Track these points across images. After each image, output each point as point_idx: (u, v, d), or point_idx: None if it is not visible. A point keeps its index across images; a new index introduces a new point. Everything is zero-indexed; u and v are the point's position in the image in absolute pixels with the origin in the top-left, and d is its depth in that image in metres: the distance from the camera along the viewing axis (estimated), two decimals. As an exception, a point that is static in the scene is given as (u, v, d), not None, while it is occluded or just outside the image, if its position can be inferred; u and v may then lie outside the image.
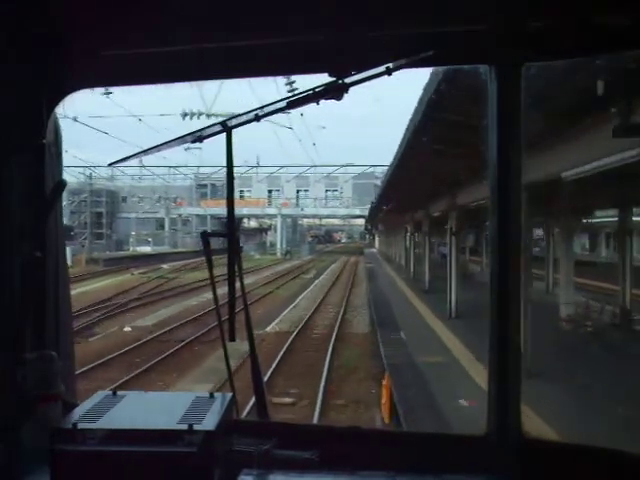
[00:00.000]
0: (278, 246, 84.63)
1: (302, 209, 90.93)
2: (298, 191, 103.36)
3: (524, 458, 2.06)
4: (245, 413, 7.24)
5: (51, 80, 2.23)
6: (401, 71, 2.01)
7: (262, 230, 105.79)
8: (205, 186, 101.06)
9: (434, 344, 17.03)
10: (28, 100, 2.20)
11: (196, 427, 1.81)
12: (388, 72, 1.98)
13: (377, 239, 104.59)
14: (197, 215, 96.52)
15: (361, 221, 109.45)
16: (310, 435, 2.26)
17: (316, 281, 42.54)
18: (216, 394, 2.13)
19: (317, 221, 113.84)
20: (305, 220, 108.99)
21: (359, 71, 1.98)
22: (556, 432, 8.69)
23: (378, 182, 60.43)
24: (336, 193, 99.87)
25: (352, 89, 1.99)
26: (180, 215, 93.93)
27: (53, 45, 2.13)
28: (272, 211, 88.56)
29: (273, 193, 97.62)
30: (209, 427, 1.84)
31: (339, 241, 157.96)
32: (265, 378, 11.82)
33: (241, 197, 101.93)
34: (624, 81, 7.96)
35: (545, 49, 2.07)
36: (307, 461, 2.08)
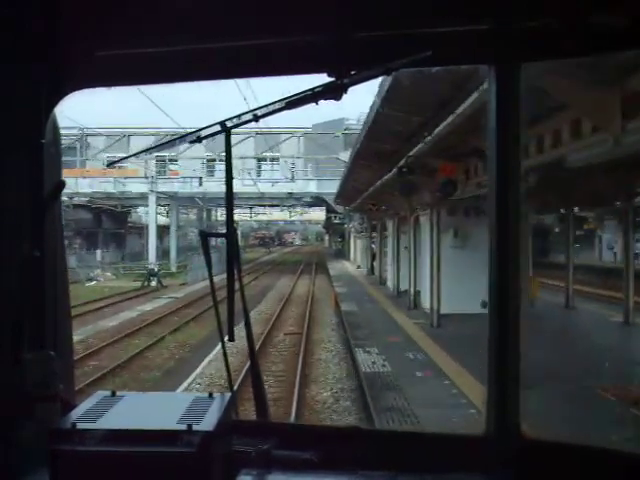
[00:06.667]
0: (151, 257, 43.34)
1: (200, 184, 48.33)
2: (211, 160, 60.11)
3: (523, 458, 2.08)
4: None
5: (50, 80, 2.24)
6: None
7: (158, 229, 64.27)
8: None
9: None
10: (27, 100, 2.21)
11: (195, 427, 1.82)
12: (387, 72, 2.02)
13: (355, 243, 61.82)
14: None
15: (319, 215, 68.25)
16: (309, 435, 2.30)
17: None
18: (215, 394, 2.13)
19: (257, 216, 73.61)
20: (241, 216, 67.72)
21: (358, 71, 1.99)
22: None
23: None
24: (276, 168, 58.60)
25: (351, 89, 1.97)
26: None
27: (52, 45, 2.16)
28: (142, 188, 46.82)
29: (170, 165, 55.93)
30: (208, 427, 1.85)
31: (291, 243, 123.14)
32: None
33: (108, 164, 59.85)
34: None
35: (545, 49, 2.09)
36: (306, 461, 2.12)
